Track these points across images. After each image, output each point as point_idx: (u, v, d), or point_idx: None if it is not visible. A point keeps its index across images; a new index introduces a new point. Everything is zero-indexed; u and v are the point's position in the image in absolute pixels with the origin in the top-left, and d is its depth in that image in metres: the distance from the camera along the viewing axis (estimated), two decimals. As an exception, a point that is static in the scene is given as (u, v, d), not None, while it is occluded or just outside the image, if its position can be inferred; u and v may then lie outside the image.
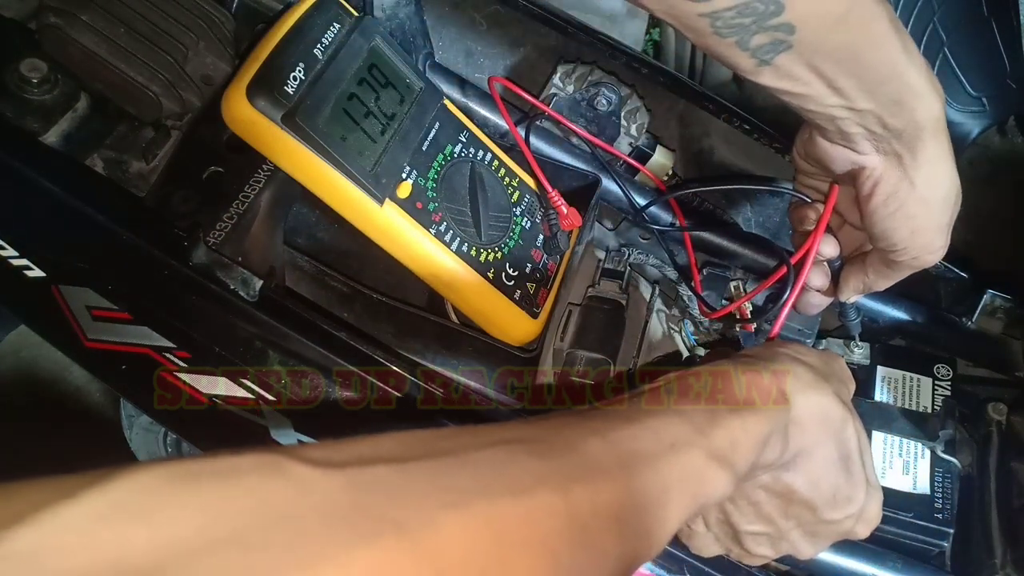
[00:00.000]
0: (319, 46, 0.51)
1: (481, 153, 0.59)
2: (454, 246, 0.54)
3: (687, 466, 0.35)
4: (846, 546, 0.53)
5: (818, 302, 0.57)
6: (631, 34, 1.11)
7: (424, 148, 0.55)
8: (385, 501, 0.24)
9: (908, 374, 0.65)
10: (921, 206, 0.47)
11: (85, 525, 0.19)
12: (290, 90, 0.49)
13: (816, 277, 0.55)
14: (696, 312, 0.64)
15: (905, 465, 0.59)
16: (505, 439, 0.30)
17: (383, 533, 0.22)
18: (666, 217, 0.69)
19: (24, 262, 0.57)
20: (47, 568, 0.18)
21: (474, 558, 0.24)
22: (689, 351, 0.64)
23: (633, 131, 0.70)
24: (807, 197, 0.55)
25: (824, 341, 0.67)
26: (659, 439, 0.34)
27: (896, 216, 0.48)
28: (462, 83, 0.70)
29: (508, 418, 0.53)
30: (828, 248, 0.54)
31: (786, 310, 0.54)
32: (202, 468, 0.22)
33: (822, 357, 0.47)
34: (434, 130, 0.56)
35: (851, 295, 0.56)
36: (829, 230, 0.54)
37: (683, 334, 0.65)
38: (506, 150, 0.62)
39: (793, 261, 0.54)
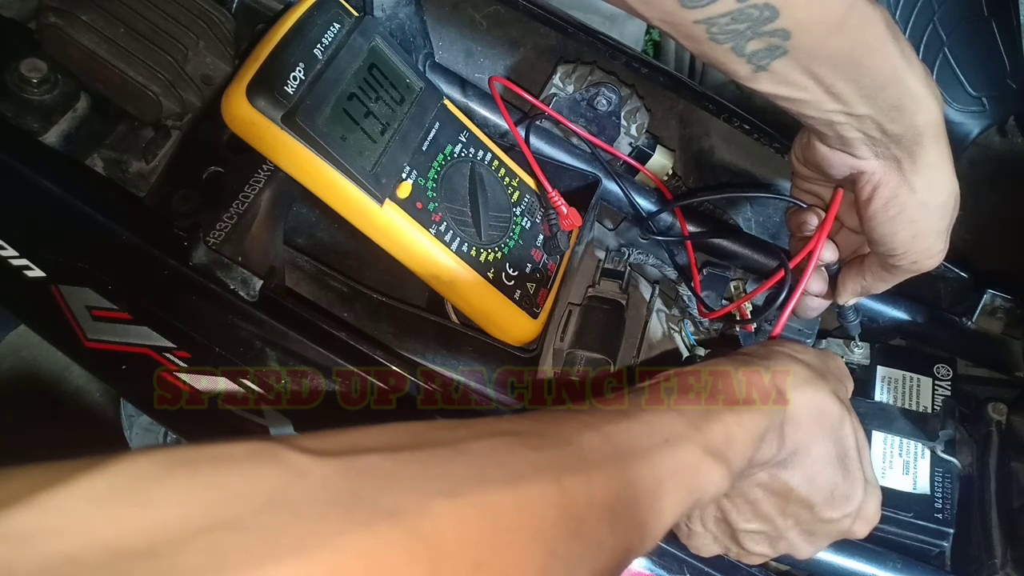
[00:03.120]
0: (319, 46, 0.51)
1: (481, 153, 0.59)
2: (454, 246, 0.54)
3: (682, 460, 0.35)
4: (846, 546, 0.53)
5: (816, 305, 0.57)
6: (631, 34, 1.12)
7: (424, 148, 0.55)
8: (380, 488, 0.24)
9: (908, 374, 0.65)
10: (921, 210, 0.47)
11: (80, 507, 0.19)
12: (290, 90, 0.49)
13: (814, 282, 0.55)
14: (696, 312, 0.64)
15: (905, 465, 0.59)
16: (500, 431, 0.30)
17: (378, 519, 0.22)
18: (667, 219, 0.69)
19: (24, 262, 0.57)
20: (42, 549, 0.18)
21: (469, 546, 0.24)
22: (689, 351, 0.64)
23: (633, 131, 0.70)
24: (803, 202, 0.55)
25: (824, 341, 0.67)
26: (653, 433, 0.35)
27: (896, 221, 0.48)
28: (462, 83, 0.70)
29: (508, 418, 0.53)
30: (828, 253, 0.54)
31: (785, 315, 0.54)
32: (198, 454, 0.22)
33: (819, 355, 0.47)
34: (434, 130, 0.56)
35: (849, 298, 0.56)
36: (828, 235, 0.53)
37: (683, 334, 0.65)
38: (506, 150, 0.62)
39: (792, 266, 0.54)
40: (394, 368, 0.52)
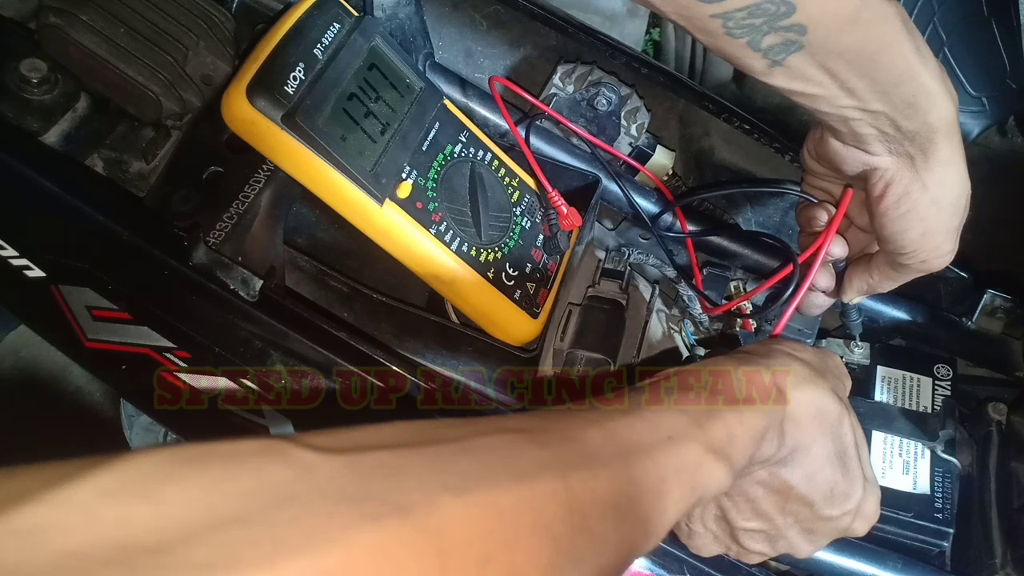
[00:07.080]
0: (319, 46, 0.51)
1: (481, 153, 0.59)
2: (454, 246, 0.54)
3: (684, 458, 0.35)
4: (846, 545, 0.53)
5: (821, 303, 0.57)
6: (631, 34, 1.11)
7: (424, 148, 0.55)
8: (387, 484, 0.24)
9: (908, 374, 0.65)
10: (932, 208, 0.47)
11: (90, 504, 0.19)
12: (290, 90, 0.49)
13: (822, 278, 0.55)
14: (696, 311, 0.64)
15: (905, 465, 0.59)
16: (506, 428, 0.30)
17: (386, 514, 0.22)
18: (668, 220, 0.69)
19: (24, 262, 0.57)
20: (52, 546, 0.18)
21: (476, 541, 0.24)
22: (689, 351, 0.64)
23: (633, 131, 0.70)
24: (813, 198, 0.55)
25: (824, 341, 0.67)
26: (656, 431, 0.35)
27: (907, 218, 0.48)
28: (462, 83, 0.70)
29: (508, 418, 0.53)
30: (837, 248, 0.54)
31: (791, 309, 0.54)
32: (206, 451, 0.22)
33: (818, 354, 0.47)
34: (434, 130, 0.56)
35: (854, 296, 0.56)
36: (837, 231, 0.53)
37: (683, 334, 0.65)
38: (506, 150, 0.63)
39: (801, 260, 0.54)
40: (394, 368, 0.52)
